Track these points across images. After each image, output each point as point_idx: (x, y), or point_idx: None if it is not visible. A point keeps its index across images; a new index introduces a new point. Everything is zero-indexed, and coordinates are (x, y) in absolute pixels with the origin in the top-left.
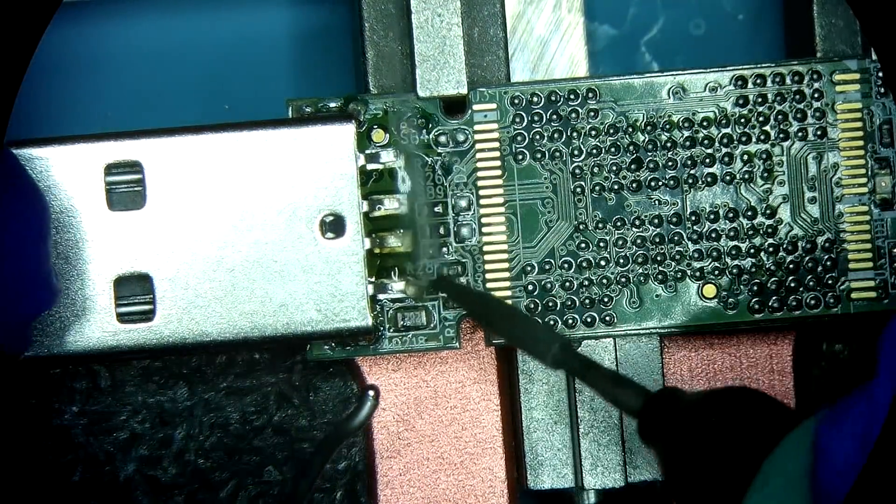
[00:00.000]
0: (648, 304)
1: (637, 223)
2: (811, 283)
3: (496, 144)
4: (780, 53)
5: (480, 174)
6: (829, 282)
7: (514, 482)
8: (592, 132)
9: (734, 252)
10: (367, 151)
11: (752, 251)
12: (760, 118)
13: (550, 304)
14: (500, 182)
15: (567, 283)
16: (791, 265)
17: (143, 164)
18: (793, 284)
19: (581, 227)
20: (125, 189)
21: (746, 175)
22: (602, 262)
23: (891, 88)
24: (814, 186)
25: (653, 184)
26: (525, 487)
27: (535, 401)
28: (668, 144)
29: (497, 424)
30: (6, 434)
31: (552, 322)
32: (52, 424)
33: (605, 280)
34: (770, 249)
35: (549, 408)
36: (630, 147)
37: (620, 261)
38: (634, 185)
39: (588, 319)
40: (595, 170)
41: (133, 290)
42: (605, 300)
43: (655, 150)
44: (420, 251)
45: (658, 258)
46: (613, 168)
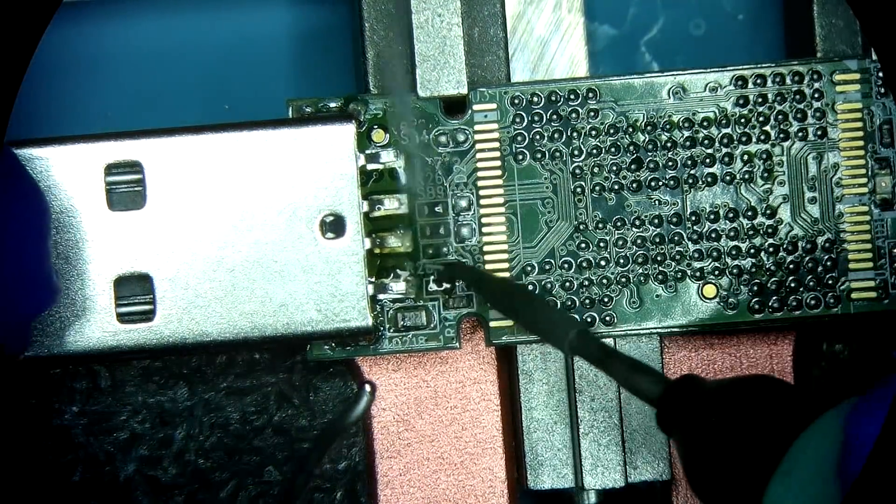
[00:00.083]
0: (648, 305)
1: (637, 223)
2: (811, 284)
3: (496, 144)
4: (781, 53)
5: (480, 174)
6: (830, 282)
7: (514, 482)
8: (592, 132)
9: (734, 252)
10: (368, 151)
11: (753, 251)
12: (760, 118)
13: (551, 305)
14: (501, 182)
15: (567, 284)
16: (791, 265)
17: (143, 164)
18: (793, 284)
19: (581, 228)
20: (125, 189)
21: (746, 175)
22: (602, 263)
23: (891, 88)
24: (814, 186)
25: (653, 184)
26: (525, 487)
27: (535, 401)
28: (669, 144)
29: (497, 424)
30: (6, 434)
31: None
32: (52, 424)
33: (606, 280)
34: (770, 249)
35: (549, 408)
36: (630, 147)
37: (620, 261)
38: (634, 185)
39: (588, 319)
40: (595, 170)
41: (133, 290)
42: (606, 300)
43: (655, 151)
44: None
45: (658, 258)
46: (613, 168)
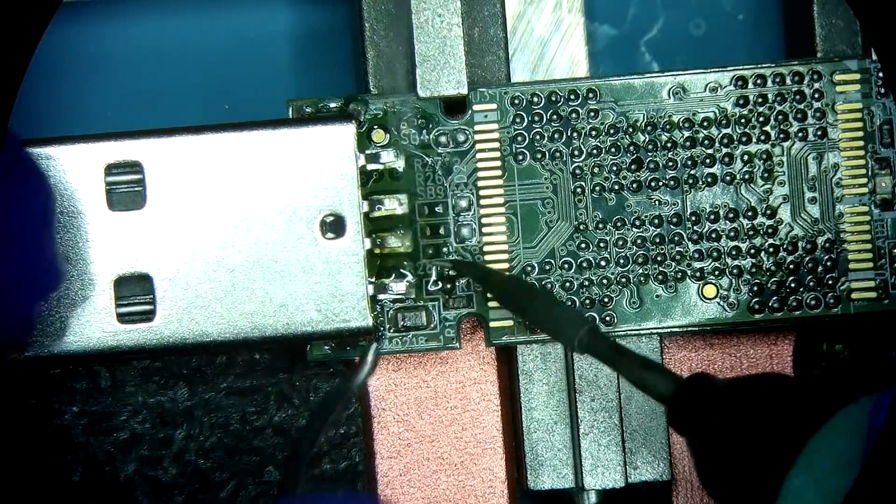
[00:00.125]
0: (648, 305)
1: (637, 223)
2: (811, 284)
3: (496, 145)
4: (781, 53)
5: (481, 174)
6: (830, 282)
7: (515, 482)
8: (593, 132)
9: (734, 252)
10: (368, 152)
11: (753, 251)
12: (761, 118)
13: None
14: (501, 182)
15: (567, 284)
16: (791, 265)
17: (143, 164)
18: (793, 285)
19: (581, 228)
20: (125, 189)
21: (747, 175)
22: (602, 263)
23: (891, 88)
24: (814, 187)
25: (653, 184)
26: (525, 488)
27: (535, 401)
28: (669, 145)
29: (497, 424)
30: (6, 434)
31: None
32: (52, 424)
33: (606, 280)
34: (770, 250)
35: (549, 408)
36: (630, 147)
37: (621, 261)
38: (635, 186)
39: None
40: (595, 170)
41: (133, 291)
42: (606, 300)
43: (656, 151)
44: None
45: (658, 258)
46: (614, 168)
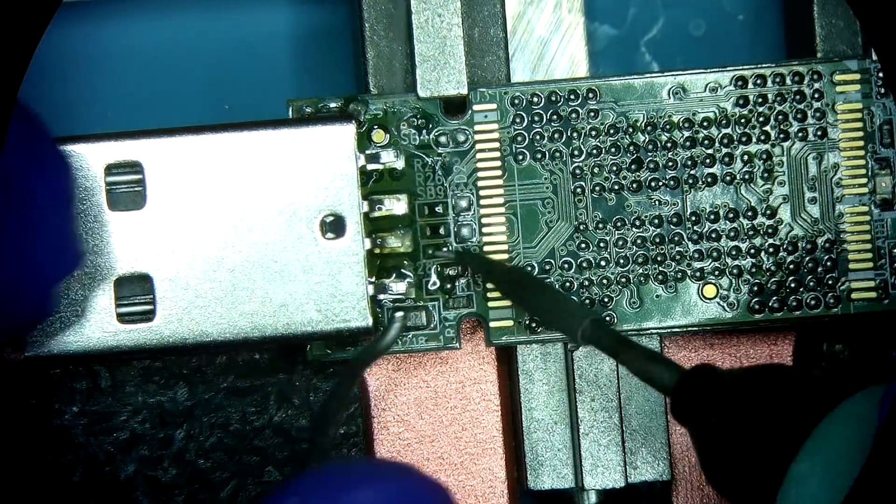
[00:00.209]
0: (648, 305)
1: (637, 223)
2: (811, 284)
3: (496, 145)
4: (781, 54)
5: (481, 174)
6: (830, 282)
7: (514, 482)
8: (593, 132)
9: (734, 252)
10: (368, 152)
11: (753, 251)
12: (761, 118)
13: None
14: (501, 182)
15: (567, 284)
16: (791, 265)
17: (143, 164)
18: (793, 285)
19: (581, 228)
20: (125, 189)
21: (747, 175)
22: (602, 263)
23: (891, 88)
24: (814, 187)
25: (653, 184)
26: (525, 488)
27: (535, 401)
28: (669, 145)
29: (497, 425)
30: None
31: None
32: (52, 424)
33: (606, 280)
34: (770, 250)
35: (549, 408)
36: (630, 147)
37: (620, 261)
38: (635, 186)
39: None
40: (595, 170)
41: (133, 291)
42: (606, 300)
43: (656, 151)
44: None
45: (658, 258)
46: (614, 168)
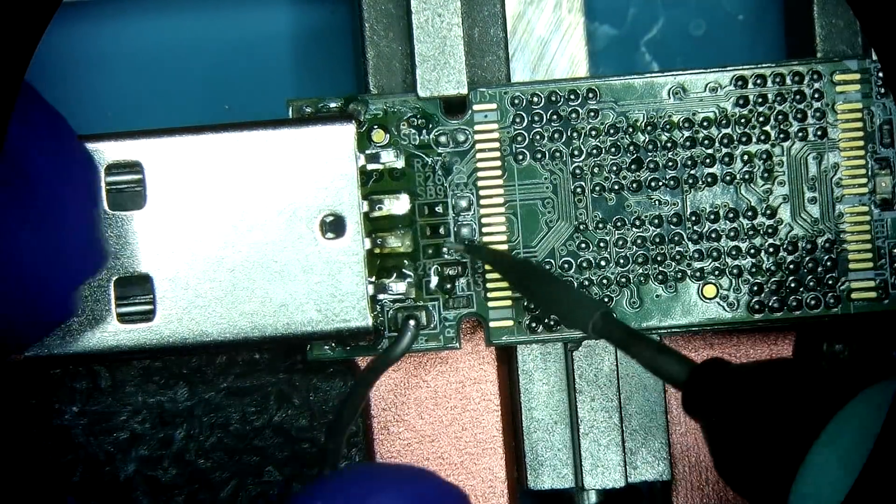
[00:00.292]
0: (648, 305)
1: (637, 223)
2: (811, 284)
3: (496, 145)
4: (781, 53)
5: (481, 174)
6: (830, 282)
7: (514, 482)
8: (593, 132)
9: (734, 252)
10: (368, 151)
11: (753, 251)
12: (761, 118)
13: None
14: (501, 182)
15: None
16: (791, 265)
17: (143, 164)
18: (793, 285)
19: (581, 228)
20: (125, 189)
21: (747, 175)
22: (602, 263)
23: (891, 88)
24: (814, 186)
25: (653, 184)
26: (525, 487)
27: (535, 401)
28: (669, 145)
29: (497, 424)
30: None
31: (551, 323)
32: (52, 424)
33: (606, 280)
34: (770, 250)
35: (549, 408)
36: (630, 147)
37: (620, 261)
38: (635, 186)
39: None
40: (595, 170)
41: (133, 291)
42: (606, 300)
43: (656, 151)
44: None
45: (658, 258)
46: (614, 168)
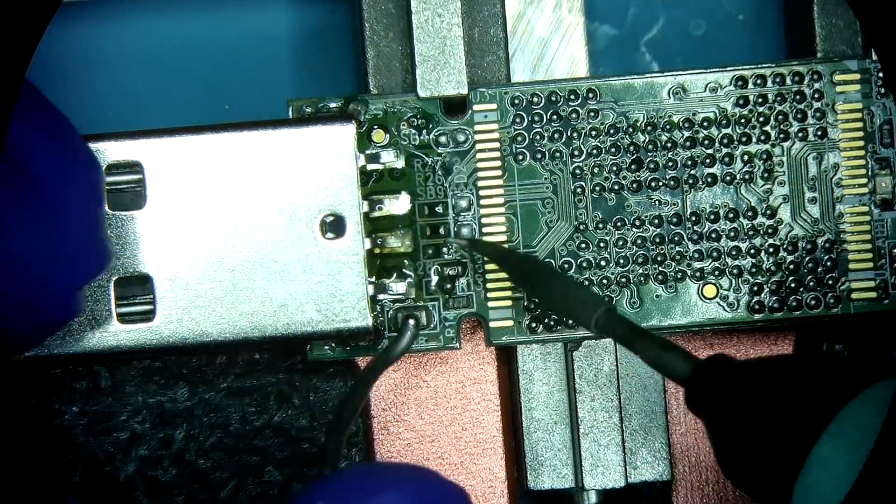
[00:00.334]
0: (648, 305)
1: (637, 223)
2: (811, 284)
3: (496, 145)
4: (781, 54)
5: (481, 174)
6: (830, 282)
7: (514, 482)
8: (593, 132)
9: (734, 252)
10: (368, 152)
11: (753, 251)
12: (761, 118)
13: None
14: (501, 182)
15: None
16: (791, 265)
17: (143, 164)
18: (793, 285)
19: (581, 228)
20: (125, 189)
21: (747, 175)
22: (602, 263)
23: (891, 88)
24: (814, 187)
25: (653, 184)
26: (525, 487)
27: (535, 401)
28: (669, 145)
29: (497, 424)
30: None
31: (551, 323)
32: (52, 424)
33: (606, 280)
34: (770, 250)
35: (549, 408)
36: (630, 147)
37: (621, 261)
38: (635, 186)
39: None
40: (595, 170)
41: (133, 291)
42: (606, 300)
43: (656, 151)
44: None
45: (658, 258)
46: (614, 168)
